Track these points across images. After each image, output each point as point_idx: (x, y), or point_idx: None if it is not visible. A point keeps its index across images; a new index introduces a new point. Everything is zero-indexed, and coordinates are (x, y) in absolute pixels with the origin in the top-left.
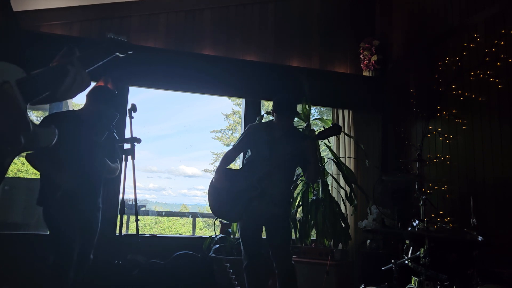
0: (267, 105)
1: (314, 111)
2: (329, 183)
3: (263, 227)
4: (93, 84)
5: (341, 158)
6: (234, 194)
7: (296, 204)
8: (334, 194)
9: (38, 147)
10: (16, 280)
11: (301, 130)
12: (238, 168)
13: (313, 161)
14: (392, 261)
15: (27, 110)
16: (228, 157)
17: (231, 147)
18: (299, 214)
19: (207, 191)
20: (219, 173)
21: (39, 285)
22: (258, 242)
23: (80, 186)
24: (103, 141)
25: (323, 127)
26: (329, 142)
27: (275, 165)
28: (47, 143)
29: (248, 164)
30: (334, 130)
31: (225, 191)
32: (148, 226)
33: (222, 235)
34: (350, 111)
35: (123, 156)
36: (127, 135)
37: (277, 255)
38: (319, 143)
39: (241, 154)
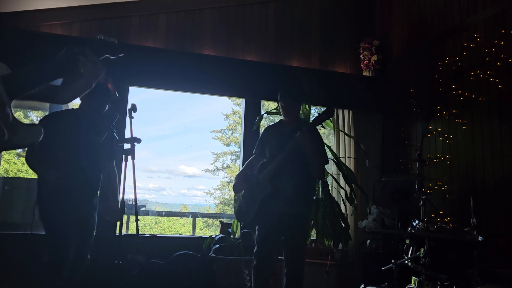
0: (267, 105)
1: (314, 111)
2: (329, 183)
3: (280, 226)
4: None
5: (341, 158)
6: (249, 196)
7: None
8: (334, 194)
9: (24, 144)
10: (16, 280)
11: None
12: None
13: (311, 152)
14: (392, 261)
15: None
16: (250, 164)
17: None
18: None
19: (207, 191)
20: (237, 178)
21: (38, 285)
22: (270, 242)
23: (77, 185)
24: (102, 141)
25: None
26: (329, 142)
27: (284, 161)
28: (33, 140)
29: (262, 165)
30: (327, 113)
31: (243, 195)
32: (148, 226)
33: (222, 235)
34: (350, 111)
35: (123, 156)
36: (127, 135)
37: (289, 254)
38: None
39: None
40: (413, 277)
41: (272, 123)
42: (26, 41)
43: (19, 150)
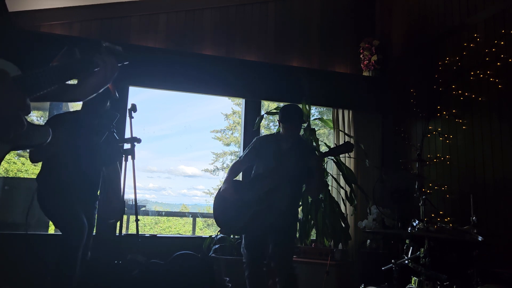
0: (267, 105)
1: (314, 111)
2: (329, 183)
3: (268, 238)
4: None
5: (341, 158)
6: (239, 205)
7: None
8: (334, 194)
9: (33, 145)
10: (16, 280)
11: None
12: (244, 180)
13: (318, 176)
14: (392, 261)
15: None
16: (235, 169)
17: (238, 158)
18: (299, 214)
19: (207, 191)
20: (227, 184)
21: (39, 285)
22: (261, 253)
23: (78, 185)
24: (102, 141)
25: (329, 130)
26: (329, 142)
27: (283, 178)
28: (41, 140)
29: (256, 177)
30: (346, 147)
31: (231, 202)
32: (148, 226)
33: (222, 235)
34: (350, 111)
35: (123, 156)
36: (127, 135)
37: (280, 265)
38: (320, 144)
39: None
40: (413, 277)
41: (266, 134)
42: (28, 41)
43: (19, 150)
